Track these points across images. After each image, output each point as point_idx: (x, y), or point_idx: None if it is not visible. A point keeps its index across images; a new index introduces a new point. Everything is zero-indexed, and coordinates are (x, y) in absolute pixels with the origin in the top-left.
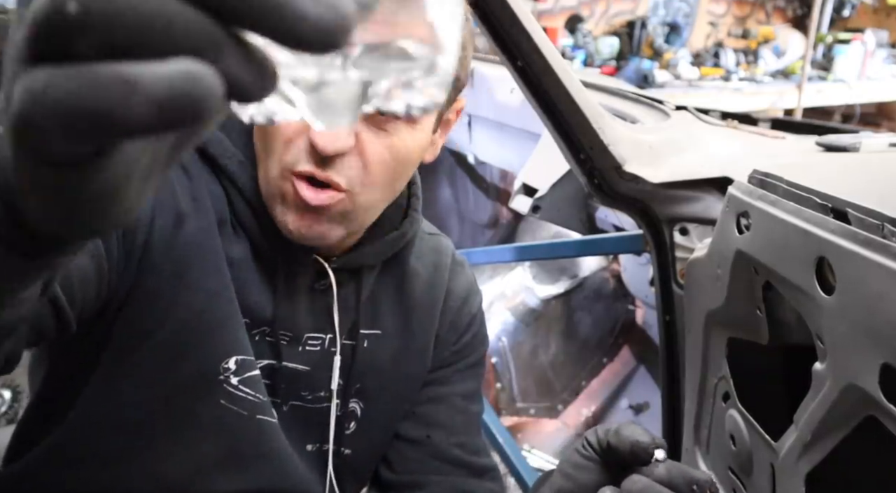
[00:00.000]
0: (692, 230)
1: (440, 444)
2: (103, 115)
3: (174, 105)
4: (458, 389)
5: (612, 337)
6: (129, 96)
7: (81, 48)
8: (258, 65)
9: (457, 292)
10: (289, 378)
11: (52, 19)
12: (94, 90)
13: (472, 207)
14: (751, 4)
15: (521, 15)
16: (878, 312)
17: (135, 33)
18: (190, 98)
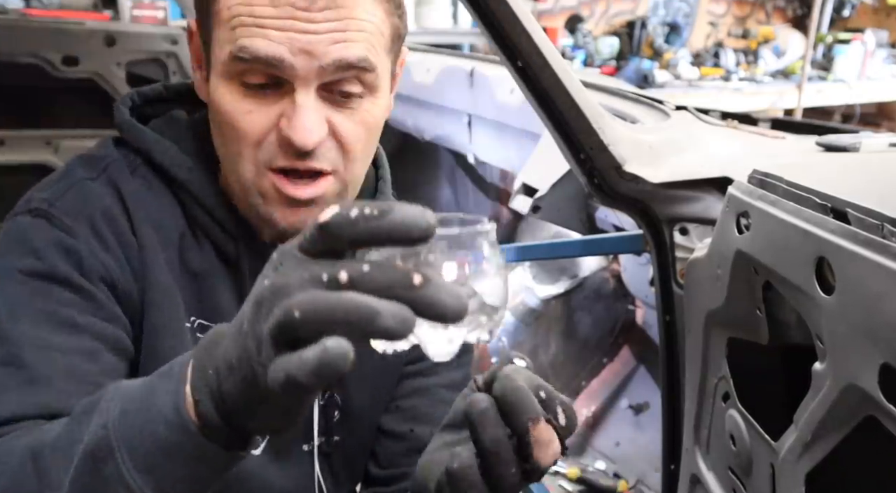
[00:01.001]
0: (692, 230)
1: (424, 437)
2: (334, 372)
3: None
4: (442, 380)
5: (612, 337)
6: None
7: (307, 336)
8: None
9: None
10: None
11: (284, 322)
12: (322, 367)
13: (472, 207)
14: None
15: (521, 15)
16: (877, 312)
17: (339, 327)
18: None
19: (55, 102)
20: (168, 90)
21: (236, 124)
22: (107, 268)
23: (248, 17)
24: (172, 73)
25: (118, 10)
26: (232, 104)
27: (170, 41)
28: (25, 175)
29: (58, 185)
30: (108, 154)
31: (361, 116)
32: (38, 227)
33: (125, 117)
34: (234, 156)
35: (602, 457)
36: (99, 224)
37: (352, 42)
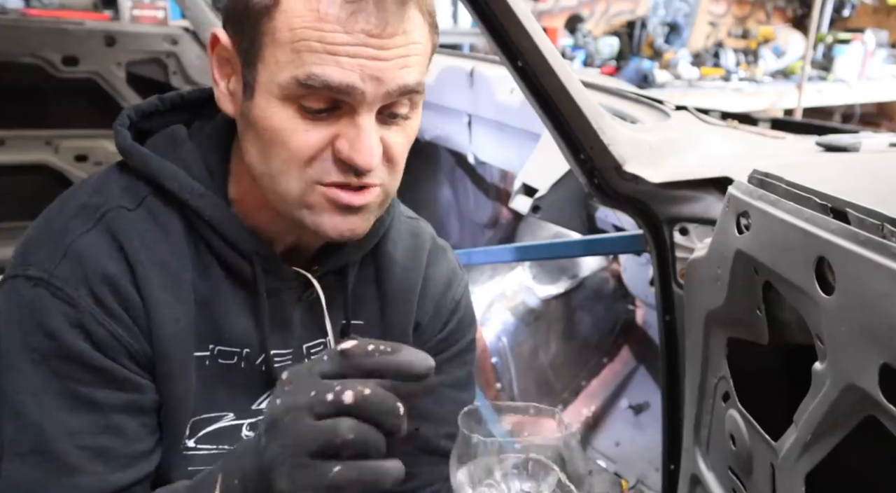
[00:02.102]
0: (692, 230)
1: (430, 437)
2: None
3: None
4: (447, 378)
5: (612, 337)
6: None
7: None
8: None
9: (437, 279)
10: None
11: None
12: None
13: (472, 207)
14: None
15: (521, 15)
16: (877, 312)
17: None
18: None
19: (55, 102)
20: (163, 102)
21: (288, 143)
22: (114, 335)
23: (318, 42)
24: (173, 73)
25: (118, 10)
26: (286, 123)
27: (170, 41)
28: (25, 175)
29: (53, 246)
30: (108, 194)
31: (406, 131)
32: (41, 299)
33: (128, 143)
34: (279, 173)
35: (602, 457)
36: (99, 290)
37: (412, 67)
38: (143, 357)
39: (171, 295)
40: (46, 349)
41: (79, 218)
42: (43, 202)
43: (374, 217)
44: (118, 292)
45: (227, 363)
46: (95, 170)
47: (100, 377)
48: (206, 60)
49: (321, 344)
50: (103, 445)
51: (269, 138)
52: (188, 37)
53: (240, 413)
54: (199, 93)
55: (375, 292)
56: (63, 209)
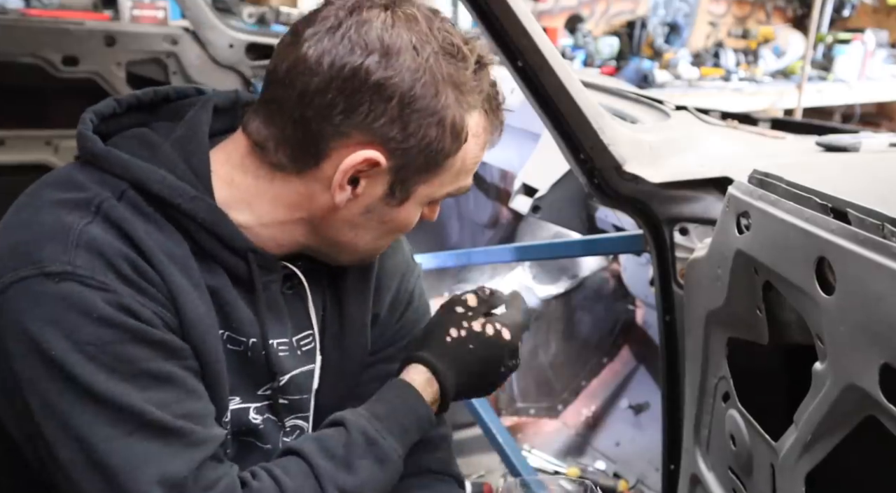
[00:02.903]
0: (692, 230)
1: None
2: None
3: None
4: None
5: (612, 337)
6: None
7: None
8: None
9: (391, 271)
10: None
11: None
12: None
13: (472, 207)
14: (751, 4)
15: (521, 15)
16: (877, 312)
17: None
18: None
19: (55, 102)
20: (120, 104)
21: (409, 227)
22: (155, 312)
23: (473, 164)
24: (173, 73)
25: (118, 10)
26: (414, 216)
27: (170, 41)
28: (25, 175)
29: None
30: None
31: None
32: (75, 292)
33: (100, 147)
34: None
35: (602, 457)
36: (127, 272)
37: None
38: (179, 333)
39: (186, 280)
40: (99, 339)
41: (73, 213)
42: None
43: None
44: (142, 273)
45: (236, 350)
46: None
47: (161, 350)
48: (207, 60)
49: (309, 335)
50: (192, 409)
51: (396, 228)
52: (188, 37)
53: (245, 397)
54: (154, 95)
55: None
56: (42, 209)
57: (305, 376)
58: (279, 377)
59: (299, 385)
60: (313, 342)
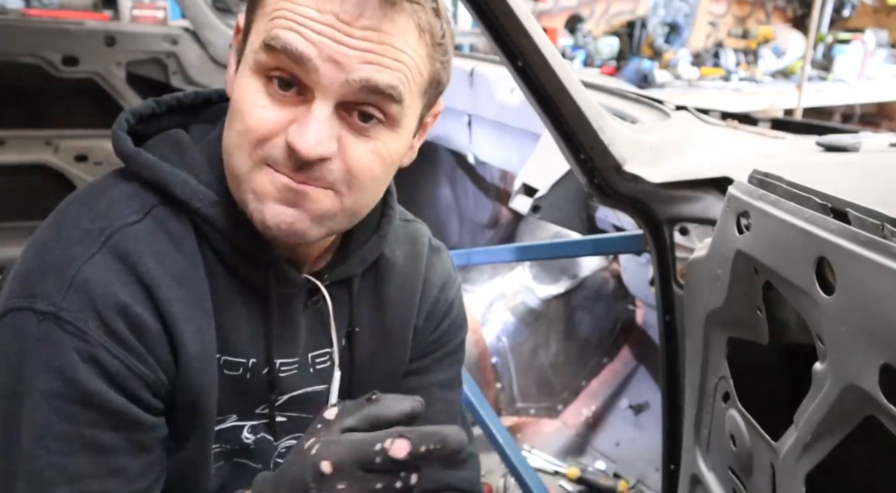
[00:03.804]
0: (692, 230)
1: None
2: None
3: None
4: (436, 378)
5: (612, 337)
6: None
7: None
8: None
9: (433, 281)
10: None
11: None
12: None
13: (472, 207)
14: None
15: (521, 15)
16: (878, 312)
17: None
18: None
19: (55, 102)
20: (160, 105)
21: (246, 117)
22: (129, 367)
23: (290, 12)
24: (172, 73)
25: (118, 10)
26: (251, 95)
27: (170, 41)
28: (25, 175)
29: (57, 276)
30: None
31: (376, 145)
32: (51, 335)
33: (130, 148)
34: (235, 147)
35: (602, 457)
36: (111, 320)
37: (385, 68)
38: (160, 386)
39: (192, 309)
40: (53, 390)
41: (82, 243)
42: (43, 202)
43: (324, 228)
44: (131, 319)
45: (233, 374)
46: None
47: (110, 419)
48: (207, 60)
49: (327, 354)
50: (103, 489)
51: (234, 109)
52: (188, 37)
53: (242, 416)
54: (195, 96)
55: (373, 298)
56: (60, 232)
57: (310, 396)
58: (278, 397)
59: (301, 404)
60: (330, 361)
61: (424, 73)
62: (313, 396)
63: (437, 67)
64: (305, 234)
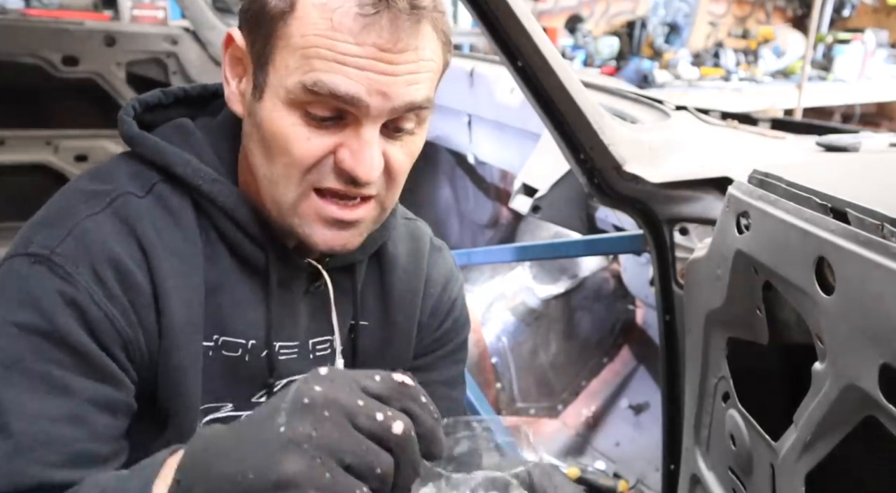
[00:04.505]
0: (692, 230)
1: None
2: None
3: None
4: (440, 376)
5: (612, 337)
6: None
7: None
8: None
9: (436, 279)
10: None
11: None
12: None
13: (472, 207)
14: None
15: (521, 15)
16: (877, 312)
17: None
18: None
19: (55, 102)
20: (166, 96)
21: (291, 150)
22: (109, 318)
23: (328, 51)
24: (173, 73)
25: (118, 10)
26: (290, 129)
27: (170, 41)
28: (25, 175)
29: (58, 227)
30: (116, 182)
31: (410, 147)
32: (39, 275)
33: (135, 130)
34: (280, 177)
35: (602, 457)
36: (102, 271)
37: (421, 83)
38: (137, 349)
39: (184, 280)
40: (30, 325)
41: (87, 202)
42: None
43: (367, 231)
44: (123, 274)
45: (231, 356)
46: None
47: (80, 363)
48: (207, 60)
49: (327, 341)
50: (63, 433)
51: (273, 142)
52: (188, 37)
53: (238, 404)
54: (202, 89)
55: (379, 293)
56: (68, 196)
57: None
58: (276, 383)
59: None
60: (330, 349)
61: (441, 68)
62: None
63: (448, 57)
64: (355, 245)
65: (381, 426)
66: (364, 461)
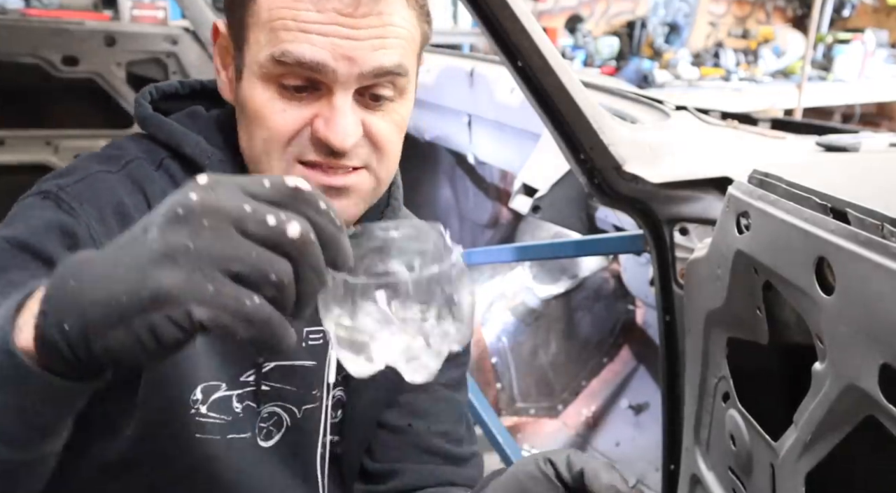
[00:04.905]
0: (692, 230)
1: (421, 433)
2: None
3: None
4: (442, 377)
5: (612, 337)
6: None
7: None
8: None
9: None
10: (296, 377)
11: (258, 271)
12: (271, 321)
13: (472, 207)
14: (751, 4)
15: (521, 15)
16: (877, 312)
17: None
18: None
19: (55, 102)
20: (183, 86)
21: (269, 123)
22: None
23: (292, 20)
24: (172, 73)
25: (118, 10)
26: (266, 103)
27: (170, 41)
28: (25, 175)
29: (71, 175)
30: (128, 152)
31: (392, 116)
32: (44, 207)
33: (148, 112)
34: (262, 153)
35: (602, 457)
36: (107, 215)
37: (390, 49)
38: None
39: None
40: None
41: (102, 163)
42: None
43: (364, 203)
44: (126, 221)
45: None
46: None
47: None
48: (207, 60)
49: (321, 332)
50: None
51: (253, 118)
52: (188, 37)
53: (230, 384)
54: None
55: None
56: (82, 159)
57: (297, 370)
58: (264, 364)
59: (285, 376)
60: (323, 340)
61: (417, 38)
62: (300, 370)
63: (425, 28)
64: (354, 217)
65: (274, 230)
66: (255, 269)
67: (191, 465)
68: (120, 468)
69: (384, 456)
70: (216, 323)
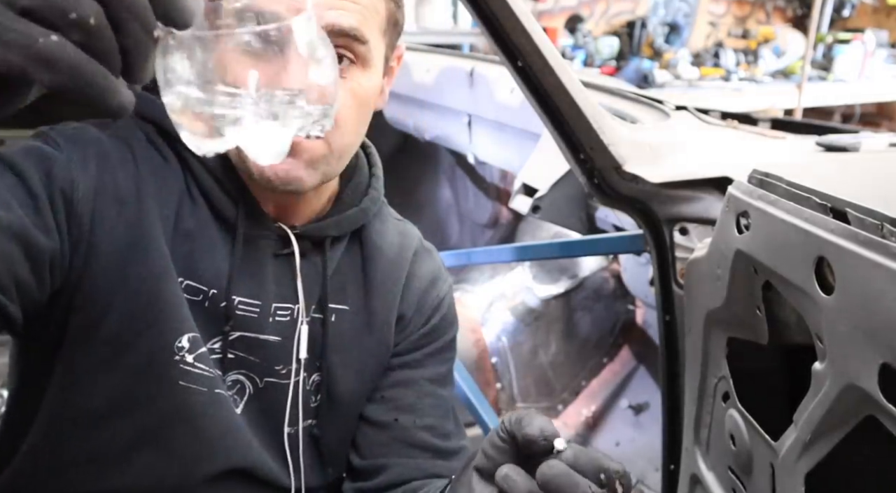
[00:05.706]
0: (692, 230)
1: (407, 427)
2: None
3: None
4: (427, 372)
5: (612, 337)
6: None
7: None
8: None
9: (422, 275)
10: (261, 350)
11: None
12: (79, 65)
13: (472, 207)
14: (751, 4)
15: (521, 15)
16: (877, 312)
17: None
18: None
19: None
20: None
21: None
22: (73, 184)
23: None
24: None
25: None
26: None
27: None
28: None
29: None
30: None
31: (351, 85)
32: (32, 142)
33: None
34: None
35: None
36: (89, 156)
37: (345, 11)
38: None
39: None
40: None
41: (96, 125)
42: None
43: (315, 171)
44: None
45: (194, 300)
46: None
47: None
48: None
49: (289, 309)
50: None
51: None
52: None
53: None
54: None
55: (361, 278)
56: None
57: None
58: (231, 332)
59: (251, 348)
60: (290, 317)
61: (382, 13)
62: (266, 344)
63: (392, 7)
64: (303, 181)
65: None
66: (47, 3)
67: (176, 413)
68: (106, 414)
69: (370, 452)
70: (7, 65)
